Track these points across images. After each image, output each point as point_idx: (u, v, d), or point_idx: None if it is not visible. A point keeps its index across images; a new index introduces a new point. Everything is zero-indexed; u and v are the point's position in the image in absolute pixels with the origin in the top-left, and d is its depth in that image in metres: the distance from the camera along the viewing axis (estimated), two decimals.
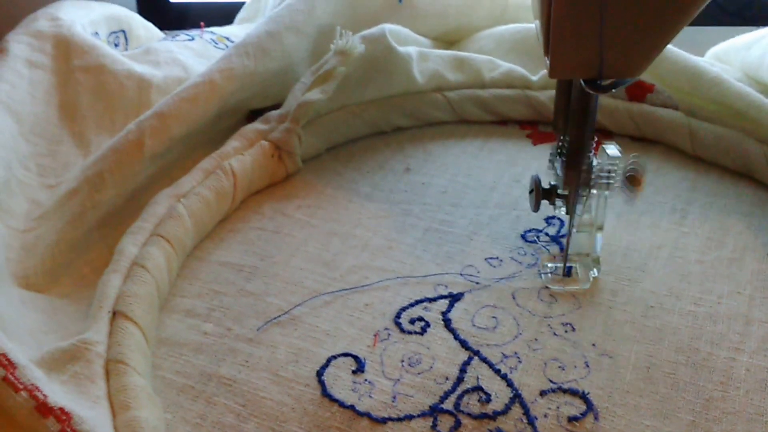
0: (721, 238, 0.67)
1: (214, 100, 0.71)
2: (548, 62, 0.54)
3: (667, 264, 0.64)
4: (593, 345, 0.57)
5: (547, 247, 0.66)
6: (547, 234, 0.68)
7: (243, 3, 0.99)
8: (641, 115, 0.79)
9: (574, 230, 0.61)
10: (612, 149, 0.59)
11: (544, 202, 0.62)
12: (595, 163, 0.60)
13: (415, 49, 0.82)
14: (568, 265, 0.62)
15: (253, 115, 0.79)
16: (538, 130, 0.82)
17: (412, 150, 0.79)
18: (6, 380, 0.48)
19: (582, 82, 0.55)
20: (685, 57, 0.77)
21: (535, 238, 0.67)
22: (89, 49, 0.77)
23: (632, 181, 0.59)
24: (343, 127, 0.79)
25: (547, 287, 0.62)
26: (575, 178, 0.60)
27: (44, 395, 0.48)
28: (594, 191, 0.60)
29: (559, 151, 0.61)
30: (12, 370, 0.48)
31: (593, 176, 0.59)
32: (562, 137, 0.60)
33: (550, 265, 0.63)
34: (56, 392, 0.49)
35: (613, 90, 0.55)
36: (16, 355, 0.49)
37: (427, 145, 0.80)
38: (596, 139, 0.60)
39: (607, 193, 0.60)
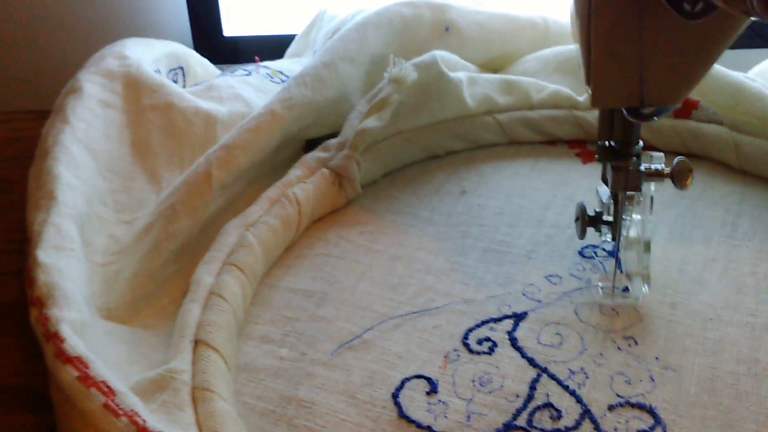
0: None
1: (276, 130, 0.74)
2: (590, 92, 0.56)
3: (722, 277, 0.66)
4: (656, 359, 0.59)
5: (604, 262, 0.68)
6: (604, 249, 0.70)
7: (293, 36, 1.01)
8: (687, 131, 0.81)
9: (621, 248, 0.64)
10: (657, 153, 0.61)
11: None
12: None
13: (464, 74, 0.84)
14: (620, 285, 0.64)
15: (309, 145, 0.82)
16: (586, 148, 0.84)
17: (466, 172, 0.81)
18: (107, 407, 0.50)
19: (624, 111, 0.57)
20: (726, 73, 0.79)
21: (593, 254, 0.69)
22: (158, 88, 0.80)
23: (681, 174, 0.60)
24: (398, 152, 0.82)
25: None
26: (623, 177, 0.61)
27: (143, 420, 0.50)
28: (640, 200, 0.62)
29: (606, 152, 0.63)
30: (112, 396, 0.51)
31: (642, 171, 0.61)
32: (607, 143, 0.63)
33: (602, 284, 0.65)
34: (152, 418, 0.52)
35: (656, 118, 0.56)
36: (115, 383, 0.52)
37: (480, 167, 0.82)
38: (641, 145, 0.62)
39: (651, 216, 0.62)
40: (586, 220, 0.64)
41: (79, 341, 0.54)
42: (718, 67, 0.79)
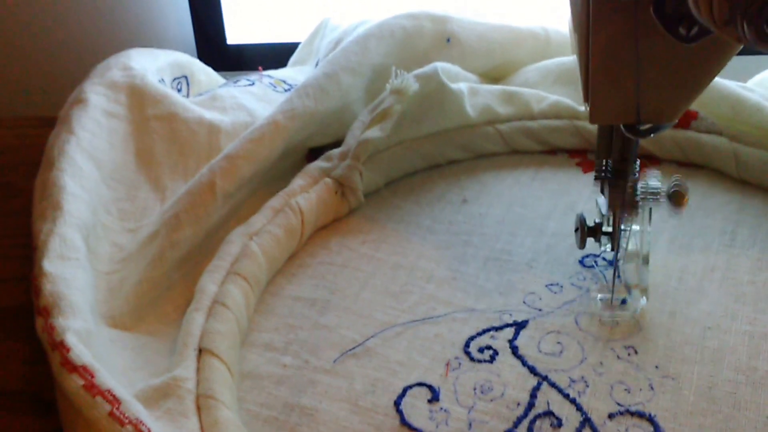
0: None
1: (278, 140, 0.75)
2: (588, 108, 0.57)
3: (721, 285, 0.67)
4: (656, 367, 0.60)
5: (605, 272, 0.69)
6: (604, 259, 0.70)
7: (296, 44, 1.02)
8: (686, 141, 0.81)
9: (620, 260, 0.64)
10: (654, 181, 0.62)
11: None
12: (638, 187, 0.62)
13: (465, 84, 0.85)
14: (619, 296, 0.65)
15: (312, 153, 0.82)
16: (587, 158, 0.84)
17: (468, 182, 0.82)
18: (112, 415, 0.51)
19: (622, 127, 0.57)
20: (725, 84, 0.79)
21: (593, 263, 0.70)
22: (161, 98, 0.80)
23: (676, 197, 0.61)
24: (400, 162, 0.82)
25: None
26: (620, 198, 0.62)
27: (148, 428, 0.51)
28: (637, 216, 0.63)
29: (603, 174, 0.63)
30: (117, 405, 0.51)
31: (638, 194, 0.62)
32: (604, 162, 0.63)
33: (600, 296, 0.65)
34: (157, 426, 0.52)
35: (652, 135, 0.57)
36: (120, 391, 0.52)
37: (481, 176, 0.83)
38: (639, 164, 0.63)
39: (650, 228, 0.63)
40: (586, 231, 0.65)
41: (84, 350, 0.54)
42: (716, 79, 0.79)
